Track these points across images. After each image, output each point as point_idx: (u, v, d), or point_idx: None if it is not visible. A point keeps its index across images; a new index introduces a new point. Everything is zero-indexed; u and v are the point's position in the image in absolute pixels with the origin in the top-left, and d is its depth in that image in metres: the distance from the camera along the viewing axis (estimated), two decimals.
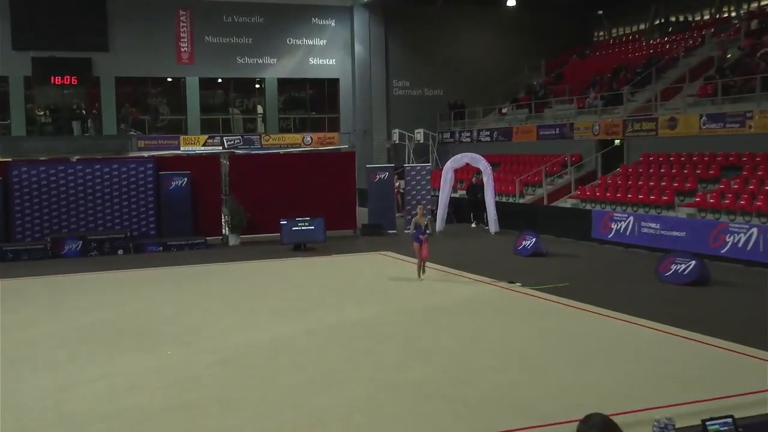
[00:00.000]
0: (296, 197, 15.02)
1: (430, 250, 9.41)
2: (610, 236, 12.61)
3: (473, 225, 16.77)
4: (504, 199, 19.62)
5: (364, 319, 7.37)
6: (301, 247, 13.22)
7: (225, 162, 15.19)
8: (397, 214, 17.17)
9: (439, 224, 15.65)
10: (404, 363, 5.64)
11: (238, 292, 9.08)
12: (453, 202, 17.42)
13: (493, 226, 15.37)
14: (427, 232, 9.39)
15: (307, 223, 13.28)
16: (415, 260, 9.87)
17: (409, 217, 15.70)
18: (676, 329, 6.52)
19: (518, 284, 9.17)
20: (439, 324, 7.14)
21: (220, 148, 21.68)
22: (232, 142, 22.24)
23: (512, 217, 15.81)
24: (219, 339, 6.62)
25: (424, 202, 9.38)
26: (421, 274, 9.40)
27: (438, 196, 16.50)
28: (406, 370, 5.44)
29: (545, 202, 17.54)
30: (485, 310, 7.76)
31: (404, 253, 12.20)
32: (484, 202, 15.61)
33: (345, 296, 8.67)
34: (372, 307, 7.94)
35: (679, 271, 8.98)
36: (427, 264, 9.49)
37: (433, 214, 17.17)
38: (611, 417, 2.12)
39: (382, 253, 12.57)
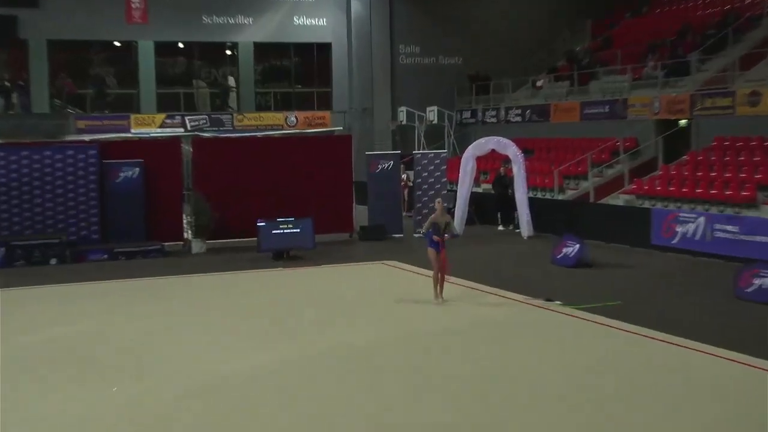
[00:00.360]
0: (277, 193, 15.12)
1: (450, 262, 9.45)
2: (674, 242, 12.65)
3: (500, 227, 16.96)
4: (539, 195, 19.68)
5: (363, 345, 7.42)
6: (284, 256, 13.32)
7: (188, 148, 15.46)
8: (404, 214, 17.33)
9: (458, 227, 15.77)
10: (412, 401, 5.56)
11: (204, 311, 9.14)
12: (475, 199, 17.54)
13: (525, 228, 15.51)
14: (452, 234, 9.40)
15: (291, 226, 13.33)
16: (429, 272, 9.87)
17: (419, 217, 15.95)
18: (764, 362, 6.40)
19: (557, 303, 9.28)
20: (457, 352, 7.18)
21: (182, 130, 21.52)
22: (197, 123, 22.13)
23: (550, 217, 15.89)
24: (182, 371, 6.58)
25: (440, 199, 9.40)
26: (439, 293, 9.40)
27: (456, 192, 16.73)
28: (414, 411, 5.33)
29: (591, 199, 17.65)
30: (516, 336, 7.83)
31: (413, 261, 12.32)
32: (514, 199, 15.75)
33: (339, 317, 8.73)
34: (373, 331, 8.01)
35: (765, 286, 8.87)
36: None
37: (450, 214, 17.39)
38: None
39: (386, 262, 12.67)
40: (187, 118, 22.14)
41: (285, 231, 13.28)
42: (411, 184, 18.32)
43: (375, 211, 16.06)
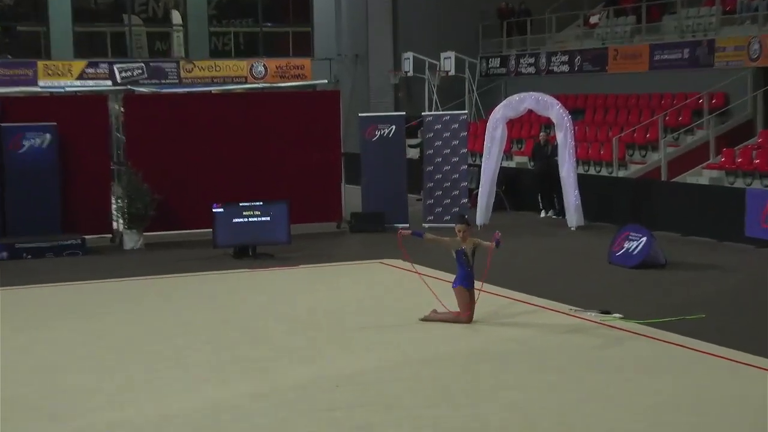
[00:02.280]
0: (240, 168, 15.24)
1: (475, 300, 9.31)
2: None
3: (542, 215, 17.16)
4: (593, 171, 19.85)
5: (356, 374, 7.46)
6: (249, 253, 13.34)
7: (117, 108, 15.33)
8: (410, 196, 17.38)
9: (482, 216, 15.99)
10: None
11: (141, 329, 9.13)
12: (506, 177, 17.90)
13: (573, 216, 15.61)
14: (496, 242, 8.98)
15: (258, 213, 13.40)
16: (448, 276, 10.10)
17: (431, 201, 16.25)
18: None
19: (617, 316, 9.28)
20: (484, 384, 7.20)
21: (109, 83, 21.46)
22: (130, 73, 22.06)
23: (607, 201, 16.04)
24: (111, 409, 6.59)
25: (461, 226, 9.36)
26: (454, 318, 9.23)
27: (479, 167, 16.93)
28: None
29: (664, 176, 17.69)
30: (562, 360, 7.82)
31: (424, 260, 12.26)
32: (558, 177, 15.80)
33: (323, 337, 8.75)
34: (369, 355, 8.04)
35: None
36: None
37: (472, 196, 17.25)
38: None
39: (386, 262, 12.65)
40: (116, 67, 22.00)
41: (250, 220, 13.35)
42: (421, 155, 18.24)
43: (371, 192, 16.24)
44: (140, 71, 22.40)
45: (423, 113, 18.07)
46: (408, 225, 16.04)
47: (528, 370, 7.52)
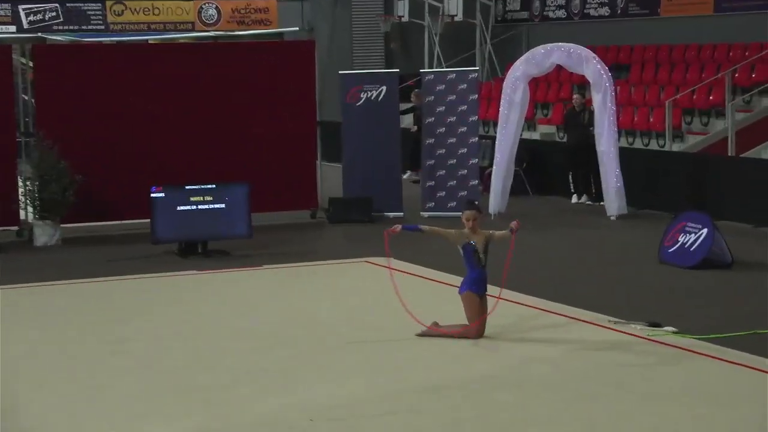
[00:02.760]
0: (186, 142, 15.33)
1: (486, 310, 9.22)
2: None
3: (574, 200, 17.45)
4: (639, 144, 19.89)
5: (337, 405, 7.46)
6: (198, 250, 13.45)
7: (24, 62, 15.51)
8: (406, 176, 17.77)
9: (497, 202, 16.22)
10: None
11: (52, 350, 9.05)
12: (529, 152, 18.27)
13: (614, 201, 15.75)
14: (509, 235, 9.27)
15: (210, 198, 13.50)
16: (453, 281, 10.30)
17: (431, 183, 16.45)
18: None
19: (670, 330, 9.33)
20: (503, 419, 7.17)
21: (13, 29, 21.43)
22: (41, 16, 22.03)
23: (656, 182, 16.24)
24: None
25: (471, 212, 9.39)
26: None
27: (494, 140, 17.12)
28: None
29: (731, 151, 17.74)
30: (604, 387, 7.79)
31: (422, 259, 12.30)
32: (595, 152, 15.93)
33: (294, 357, 8.77)
34: (352, 381, 8.04)
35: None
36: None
37: (484, 177, 17.31)
38: None
39: (372, 260, 12.66)
40: (21, 9, 21.86)
41: (200, 207, 13.43)
42: (417, 126, 18.25)
43: (355, 172, 16.41)
44: (53, 14, 22.17)
45: (422, 70, 18.14)
46: (402, 214, 16.15)
47: (561, 401, 7.47)
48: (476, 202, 9.93)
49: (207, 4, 23.61)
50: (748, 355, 8.46)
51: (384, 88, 16.30)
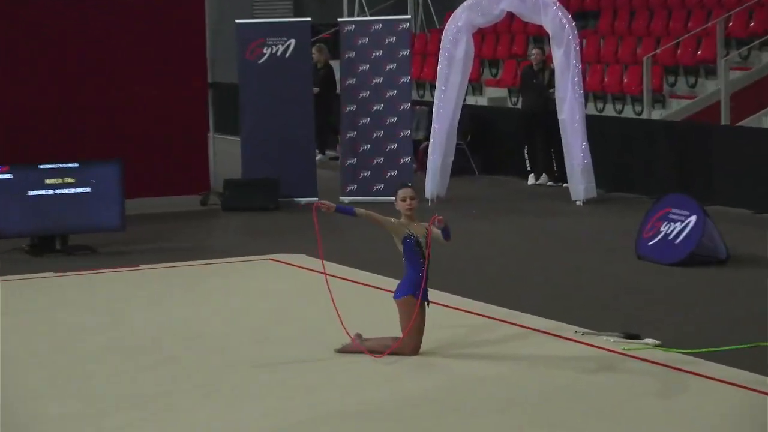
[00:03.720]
0: (41, 109, 15.18)
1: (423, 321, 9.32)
2: None
3: (531, 181, 17.73)
4: (611, 110, 20.03)
5: None
6: (56, 246, 13.37)
7: None
8: (321, 156, 17.71)
9: (434, 185, 16.38)
10: None
11: None
12: (475, 122, 18.44)
13: (580, 182, 15.94)
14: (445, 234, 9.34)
15: (71, 180, 13.43)
16: (379, 281, 10.49)
17: (352, 161, 16.68)
18: None
19: (650, 343, 9.33)
20: None
21: None
22: None
23: (633, 158, 16.44)
24: None
25: (406, 190, 9.28)
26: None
27: (430, 107, 17.30)
28: None
29: (724, 119, 17.89)
30: (568, 415, 7.76)
31: (343, 256, 12.30)
32: (557, 121, 16.09)
33: (179, 379, 8.72)
34: (254, 407, 8.02)
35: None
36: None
37: (419, 152, 17.20)
38: None
39: (279, 258, 12.79)
40: None
41: (57, 192, 13.38)
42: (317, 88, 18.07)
43: (257, 147, 16.49)
44: None
45: (340, 20, 18.22)
46: (317, 200, 15.93)
47: (512, 429, 7.49)
48: (410, 184, 9.85)
49: None
50: (747, 374, 8.40)
51: (292, 41, 16.26)
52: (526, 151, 17.39)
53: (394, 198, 9.26)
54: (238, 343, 9.61)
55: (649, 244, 12.50)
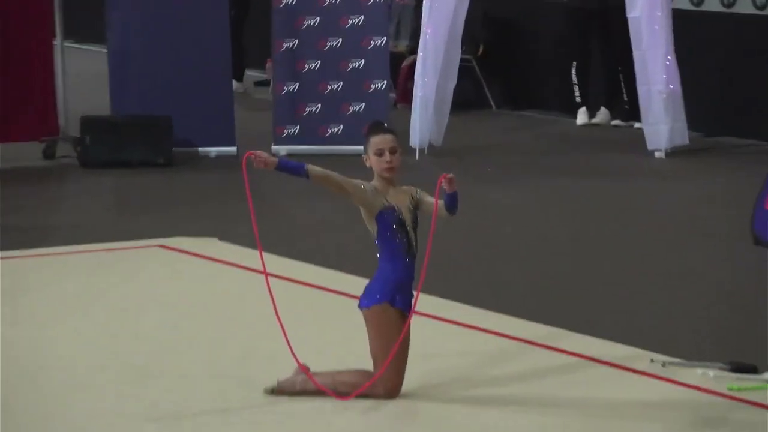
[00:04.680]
0: None
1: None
2: None
3: (582, 119, 18.60)
4: (715, 3, 19.79)
5: None
6: None
7: None
8: (237, 84, 17.66)
9: (425, 126, 16.94)
10: None
11: None
12: (490, 25, 17.85)
13: (662, 121, 16.50)
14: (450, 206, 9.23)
15: None
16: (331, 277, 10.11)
17: (292, 87, 17.15)
18: None
19: (766, 377, 9.40)
20: None
21: None
22: None
23: (748, 83, 16.87)
24: None
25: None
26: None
27: (419, 1, 18.52)
28: None
29: None
30: None
31: (282, 245, 12.54)
32: (624, 22, 16.64)
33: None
34: None
35: None
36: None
37: (401, 74, 17.19)
38: None
39: (168, 244, 13.12)
40: None
41: None
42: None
43: (134, 67, 16.98)
44: None
45: None
46: (236, 150, 16.12)
47: None
48: (386, 125, 9.83)
49: None
50: None
51: None
52: (574, 72, 17.53)
53: (363, 149, 9.17)
54: (103, 385, 9.55)
55: None
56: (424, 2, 16.41)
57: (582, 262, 12.58)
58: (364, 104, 16.01)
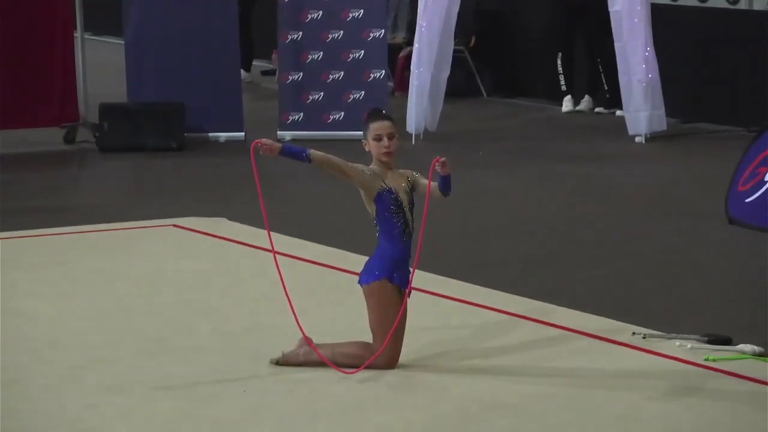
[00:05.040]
0: None
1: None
2: None
3: (567, 106, 18.36)
4: (685, 0, 19.80)
5: None
6: None
7: None
8: (245, 74, 17.34)
9: (421, 113, 16.71)
10: None
11: None
12: (482, 17, 18.61)
13: (642, 108, 16.33)
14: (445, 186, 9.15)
15: None
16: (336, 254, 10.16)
17: (297, 76, 16.95)
18: None
19: (747, 350, 9.31)
20: None
21: None
22: None
23: (722, 71, 16.75)
24: None
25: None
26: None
27: None
28: None
29: None
30: None
31: (287, 225, 12.35)
32: (606, 14, 16.46)
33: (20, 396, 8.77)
34: None
35: None
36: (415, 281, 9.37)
37: (398, 64, 17.05)
38: None
39: (181, 223, 13.01)
40: None
41: None
42: None
43: (151, 56, 16.85)
44: None
45: None
46: (244, 135, 16.07)
47: None
48: (384, 113, 9.75)
49: None
50: None
51: None
52: (559, 62, 17.59)
53: (362, 134, 9.12)
54: (119, 358, 9.51)
55: (747, 201, 12.53)
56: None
57: (568, 241, 12.55)
58: (363, 92, 15.97)
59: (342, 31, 16.21)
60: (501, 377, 9.01)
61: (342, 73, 16.20)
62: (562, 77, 17.34)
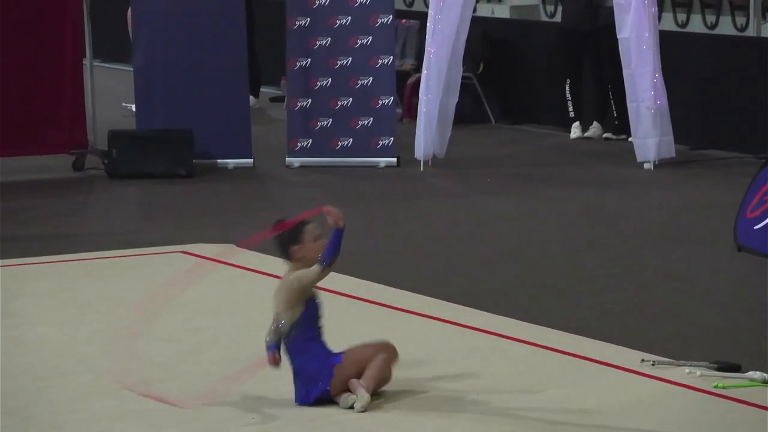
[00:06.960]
0: None
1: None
2: None
3: (575, 133, 18.23)
4: (698, 23, 19.70)
5: None
6: None
7: None
8: (253, 100, 17.44)
9: (429, 139, 16.60)
10: None
11: None
12: (490, 44, 18.71)
13: (651, 135, 16.30)
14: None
15: None
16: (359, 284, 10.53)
17: (307, 102, 16.97)
18: None
19: (757, 378, 9.28)
20: None
21: None
22: None
23: (731, 99, 16.61)
24: None
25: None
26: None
27: (423, 23, 18.03)
28: None
29: None
30: None
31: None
32: (616, 45, 16.44)
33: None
34: None
35: None
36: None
37: (406, 91, 17.02)
38: None
39: (193, 250, 12.98)
40: None
41: None
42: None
43: (159, 83, 16.87)
44: None
45: None
46: (252, 162, 15.96)
47: None
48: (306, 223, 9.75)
49: None
50: None
51: None
52: (568, 89, 17.53)
53: (292, 242, 9.19)
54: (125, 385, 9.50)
55: (756, 228, 12.44)
56: (428, 24, 16.32)
57: (576, 267, 12.50)
58: (372, 119, 15.96)
59: (350, 58, 16.21)
60: (508, 404, 9.03)
61: (350, 99, 16.19)
62: (570, 104, 17.31)
